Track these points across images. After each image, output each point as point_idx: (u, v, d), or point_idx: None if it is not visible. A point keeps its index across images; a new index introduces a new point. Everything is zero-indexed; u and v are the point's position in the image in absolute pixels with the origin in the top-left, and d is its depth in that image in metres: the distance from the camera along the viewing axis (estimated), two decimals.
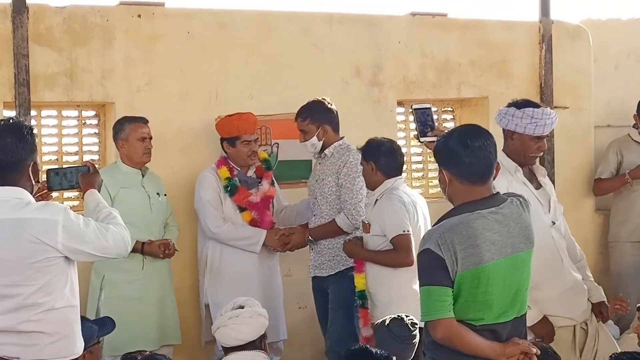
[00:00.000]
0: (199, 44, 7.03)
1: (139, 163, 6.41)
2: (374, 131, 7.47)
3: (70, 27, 6.63)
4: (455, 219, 3.86)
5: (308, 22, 7.45)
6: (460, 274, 3.78)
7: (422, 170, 8.14)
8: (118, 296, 6.26)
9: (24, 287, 3.97)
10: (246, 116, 6.62)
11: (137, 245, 6.20)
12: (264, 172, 6.76)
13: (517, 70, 8.19)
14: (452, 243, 3.78)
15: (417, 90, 7.80)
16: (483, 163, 3.89)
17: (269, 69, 7.23)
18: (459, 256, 3.77)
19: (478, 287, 3.80)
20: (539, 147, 5.33)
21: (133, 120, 6.38)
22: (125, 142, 6.36)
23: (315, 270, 6.50)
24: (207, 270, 6.67)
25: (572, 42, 8.41)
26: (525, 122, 5.21)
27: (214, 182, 6.59)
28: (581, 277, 5.48)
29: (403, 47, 7.75)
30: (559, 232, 5.42)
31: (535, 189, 5.38)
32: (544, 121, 5.21)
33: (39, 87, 6.52)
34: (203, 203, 6.57)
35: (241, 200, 6.60)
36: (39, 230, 3.98)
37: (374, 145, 6.12)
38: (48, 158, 6.86)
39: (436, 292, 3.80)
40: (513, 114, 5.26)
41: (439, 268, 3.79)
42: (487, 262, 3.80)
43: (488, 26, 8.14)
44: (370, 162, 6.05)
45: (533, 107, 5.28)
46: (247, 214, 6.62)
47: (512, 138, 5.32)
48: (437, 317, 3.80)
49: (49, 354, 4.02)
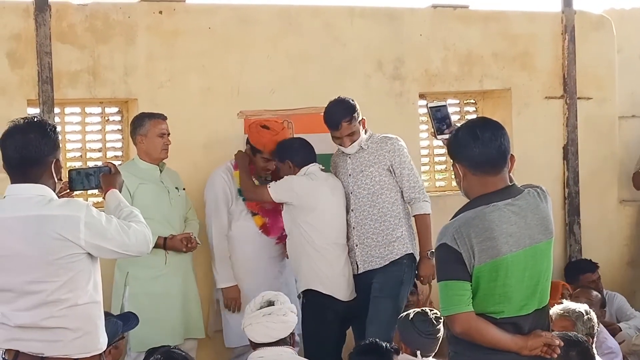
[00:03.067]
0: (220, 39, 7.04)
1: (157, 159, 6.42)
2: (396, 124, 7.51)
3: (92, 24, 6.66)
4: (471, 212, 3.85)
5: (330, 16, 7.44)
6: (478, 268, 3.78)
7: (445, 162, 8.12)
8: (142, 292, 6.27)
9: (47, 284, 4.00)
10: (276, 137, 6.51)
11: (159, 240, 6.22)
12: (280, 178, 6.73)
13: (540, 62, 8.16)
14: (468, 237, 3.77)
15: (439, 83, 7.79)
16: (494, 153, 3.87)
17: (290, 64, 7.24)
18: (475, 249, 3.77)
19: (497, 280, 3.79)
20: None
21: (152, 117, 6.39)
22: (144, 138, 6.37)
23: (364, 265, 6.46)
24: None
25: (595, 32, 8.37)
26: None
27: (224, 184, 6.58)
28: None
29: (425, 39, 7.73)
30: None
31: None
32: None
33: (62, 85, 6.56)
34: (209, 208, 6.61)
35: (254, 206, 6.60)
36: (62, 227, 4.00)
37: (286, 145, 6.46)
38: (72, 155, 6.90)
39: (454, 286, 3.80)
40: None
41: (456, 262, 3.78)
42: (504, 254, 3.79)
43: (510, 17, 8.11)
44: (287, 161, 6.40)
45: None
46: (259, 219, 6.63)
47: None
48: (455, 311, 3.80)
49: (72, 350, 4.05)
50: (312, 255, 6.34)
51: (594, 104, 8.29)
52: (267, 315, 5.09)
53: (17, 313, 4.03)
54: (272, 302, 5.21)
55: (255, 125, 6.57)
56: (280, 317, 5.08)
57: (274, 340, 5.07)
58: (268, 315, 5.09)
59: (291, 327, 5.12)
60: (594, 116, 8.26)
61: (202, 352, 6.66)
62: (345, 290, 6.40)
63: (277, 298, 5.25)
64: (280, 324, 5.08)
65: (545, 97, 8.10)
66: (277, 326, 5.07)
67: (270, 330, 5.06)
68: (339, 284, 6.39)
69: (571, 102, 8.16)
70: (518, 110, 8.06)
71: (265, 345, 5.07)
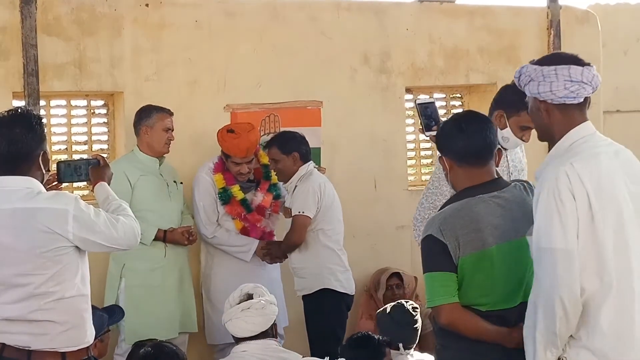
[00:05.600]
0: (207, 32, 7.03)
1: (159, 152, 6.42)
2: (383, 118, 7.54)
3: (78, 16, 6.64)
4: (457, 204, 3.87)
5: (316, 10, 7.44)
6: (463, 259, 3.78)
7: (432, 157, 8.13)
8: (139, 284, 6.27)
9: (34, 277, 3.98)
10: (239, 141, 6.43)
11: (159, 233, 6.24)
12: (262, 181, 6.72)
13: (526, 56, 8.14)
14: (453, 228, 3.78)
15: (425, 77, 7.80)
16: (479, 145, 3.89)
17: (277, 57, 7.23)
18: (461, 241, 3.77)
19: (482, 272, 3.80)
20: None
21: (160, 110, 6.39)
22: (150, 129, 6.35)
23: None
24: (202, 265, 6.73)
25: (580, 27, 8.39)
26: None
27: (209, 186, 6.59)
28: None
29: (411, 34, 7.74)
30: None
31: None
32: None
33: (47, 77, 6.53)
34: (197, 207, 6.61)
35: (233, 212, 6.60)
36: (50, 220, 3.99)
37: (290, 136, 6.49)
38: (57, 148, 6.88)
39: (439, 277, 3.80)
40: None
41: (442, 254, 3.79)
42: (490, 246, 3.79)
43: (496, 12, 8.13)
44: (293, 152, 6.39)
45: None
46: (238, 222, 6.62)
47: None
48: (440, 302, 3.80)
49: (59, 343, 4.03)
50: (324, 255, 6.47)
51: None
52: (246, 309, 5.06)
53: (4, 306, 4.01)
54: (250, 295, 5.19)
55: (223, 130, 6.55)
56: (259, 311, 5.06)
57: (256, 334, 5.06)
58: (247, 310, 5.06)
59: (271, 319, 5.10)
60: None
61: (192, 346, 6.66)
62: (353, 284, 6.64)
63: (255, 290, 5.22)
64: (260, 317, 5.05)
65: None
66: (256, 320, 5.05)
67: (249, 324, 5.04)
68: (349, 279, 6.58)
69: None
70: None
71: (248, 340, 5.07)
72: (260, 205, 6.64)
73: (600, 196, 3.43)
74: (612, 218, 3.43)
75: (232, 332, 5.12)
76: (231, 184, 6.56)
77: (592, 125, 3.64)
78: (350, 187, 7.14)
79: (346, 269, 6.60)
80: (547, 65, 3.61)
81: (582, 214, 3.41)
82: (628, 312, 3.45)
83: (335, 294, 6.50)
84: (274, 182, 6.73)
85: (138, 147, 6.43)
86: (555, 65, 3.58)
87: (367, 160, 7.55)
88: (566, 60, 3.60)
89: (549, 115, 3.62)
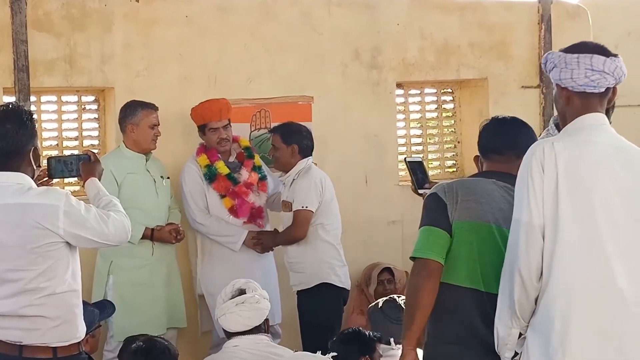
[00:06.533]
0: (198, 28, 7.03)
1: (146, 149, 6.42)
2: (374, 113, 7.54)
3: (68, 12, 6.63)
4: (469, 178, 4.11)
5: (307, 6, 7.44)
6: (457, 222, 3.83)
7: (422, 152, 8.14)
8: (127, 281, 6.28)
9: (25, 272, 3.98)
10: (210, 103, 6.56)
11: (147, 232, 6.24)
12: (245, 160, 6.73)
13: (517, 51, 8.18)
14: (456, 192, 3.88)
15: (416, 73, 7.80)
16: (505, 139, 4.05)
17: (268, 53, 7.24)
18: (459, 206, 3.84)
19: (472, 244, 3.82)
20: None
21: (145, 106, 6.37)
22: (135, 127, 6.35)
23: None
24: (198, 260, 6.71)
25: (571, 22, 8.40)
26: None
27: (195, 174, 6.60)
28: None
29: (402, 29, 7.74)
30: None
31: None
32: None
33: (38, 73, 6.53)
34: (185, 196, 6.61)
35: (220, 188, 6.59)
36: (40, 216, 3.99)
37: (295, 128, 6.53)
38: (48, 143, 6.87)
39: (434, 233, 3.84)
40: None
41: (441, 211, 3.86)
42: (487, 221, 3.84)
43: (487, 7, 8.12)
44: (293, 144, 6.44)
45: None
46: (227, 201, 6.61)
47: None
48: (427, 256, 3.82)
49: (51, 338, 4.03)
50: (324, 250, 6.49)
51: None
52: (240, 304, 5.06)
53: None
54: (243, 290, 5.18)
55: (196, 106, 6.62)
56: (253, 305, 5.06)
57: (249, 329, 5.06)
58: (241, 304, 5.06)
59: (264, 313, 5.11)
60: None
61: (182, 340, 6.66)
62: (349, 279, 6.71)
63: (248, 286, 5.22)
64: (254, 311, 5.06)
65: (521, 87, 8.12)
66: (250, 314, 5.05)
67: (243, 319, 5.05)
68: (346, 274, 6.64)
69: (547, 92, 8.17)
70: (495, 100, 8.08)
71: (240, 334, 5.07)
72: (247, 182, 6.65)
73: (571, 181, 3.41)
74: (579, 206, 3.40)
75: (225, 326, 5.12)
76: (214, 160, 6.58)
77: (604, 117, 3.63)
78: (341, 183, 7.14)
79: (344, 264, 6.62)
80: (571, 53, 3.62)
81: (547, 192, 3.41)
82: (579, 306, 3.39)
83: (334, 289, 6.53)
84: (258, 165, 6.75)
85: (124, 143, 6.42)
86: (579, 54, 3.59)
87: (358, 155, 7.55)
88: (591, 49, 3.62)
89: (569, 102, 3.62)
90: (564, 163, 3.42)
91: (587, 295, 3.38)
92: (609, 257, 3.40)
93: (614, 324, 3.39)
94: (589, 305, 3.38)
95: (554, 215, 3.40)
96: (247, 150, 6.79)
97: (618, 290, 3.39)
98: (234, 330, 5.08)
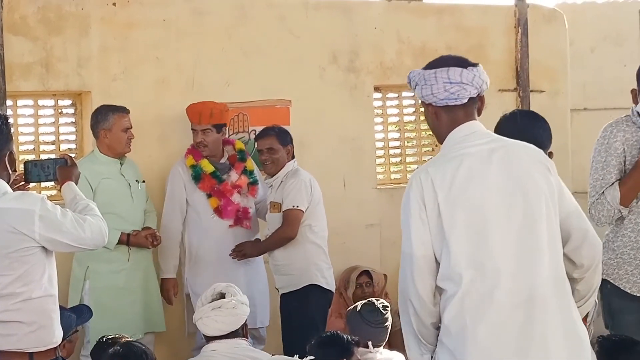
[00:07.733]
0: (174, 31, 7.01)
1: (120, 153, 6.39)
2: (352, 117, 7.54)
3: (45, 16, 6.60)
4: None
5: (284, 9, 7.44)
6: None
7: (400, 155, 8.15)
8: (104, 286, 6.25)
9: (1, 277, 3.96)
10: (194, 105, 6.62)
11: (123, 237, 6.21)
12: (236, 162, 6.74)
13: (494, 54, 8.21)
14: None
15: (394, 76, 7.81)
16: (527, 133, 4.14)
17: (245, 56, 7.23)
18: None
19: None
20: None
21: (116, 110, 6.35)
22: (108, 132, 6.32)
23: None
24: (186, 260, 6.69)
25: (548, 25, 8.43)
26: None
27: (177, 176, 6.63)
28: None
29: (379, 32, 7.75)
30: None
31: None
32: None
33: (14, 77, 6.50)
34: (166, 196, 6.66)
35: (205, 187, 6.60)
36: (16, 220, 3.97)
37: (285, 130, 6.64)
38: (25, 148, 6.83)
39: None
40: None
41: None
42: None
43: (464, 11, 8.15)
44: (289, 145, 6.56)
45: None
46: (213, 200, 6.62)
47: None
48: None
49: (27, 344, 4.02)
50: (312, 251, 6.50)
51: (546, 96, 8.36)
52: (217, 309, 5.04)
53: None
54: (223, 295, 5.16)
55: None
56: (229, 311, 5.04)
57: (226, 333, 5.06)
58: (217, 309, 5.04)
59: (242, 319, 5.09)
60: (546, 109, 8.28)
61: (160, 345, 6.64)
62: (334, 280, 6.75)
63: (228, 290, 5.19)
64: (230, 317, 5.04)
65: (498, 90, 8.14)
66: (227, 319, 5.03)
67: (219, 324, 5.02)
68: (332, 276, 6.67)
69: (524, 95, 8.22)
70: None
71: (218, 339, 5.06)
72: (235, 183, 6.65)
73: (451, 200, 3.44)
74: (463, 220, 3.43)
75: (203, 330, 5.11)
76: (199, 159, 6.59)
77: (476, 124, 3.63)
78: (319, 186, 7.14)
79: (330, 266, 6.64)
80: (429, 69, 3.64)
81: (432, 220, 3.45)
82: (472, 312, 3.41)
83: (321, 291, 6.53)
84: (250, 169, 6.75)
85: (98, 148, 6.40)
86: (436, 69, 3.61)
87: (336, 158, 7.56)
88: (447, 63, 3.62)
89: (437, 117, 3.64)
90: (440, 188, 3.45)
91: (479, 299, 3.41)
92: (495, 258, 3.42)
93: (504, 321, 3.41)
94: (480, 307, 3.41)
95: (442, 238, 3.44)
96: (241, 153, 6.80)
97: (506, 291, 3.41)
98: (211, 335, 5.06)
